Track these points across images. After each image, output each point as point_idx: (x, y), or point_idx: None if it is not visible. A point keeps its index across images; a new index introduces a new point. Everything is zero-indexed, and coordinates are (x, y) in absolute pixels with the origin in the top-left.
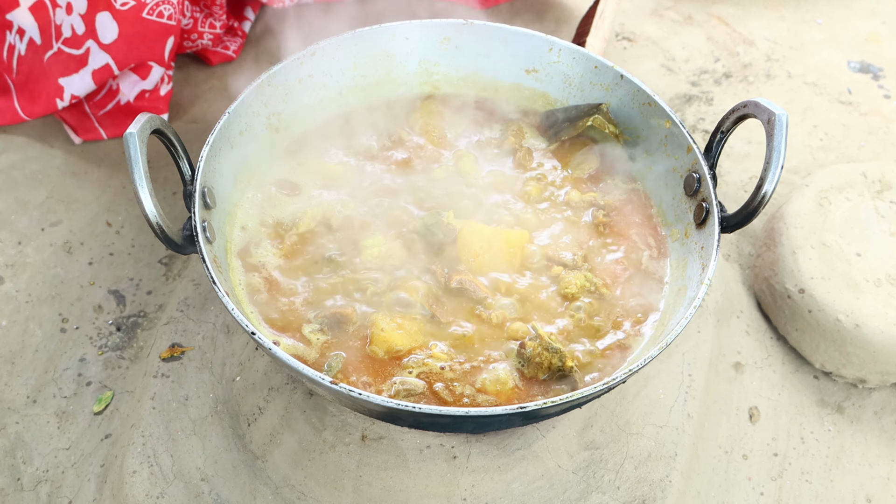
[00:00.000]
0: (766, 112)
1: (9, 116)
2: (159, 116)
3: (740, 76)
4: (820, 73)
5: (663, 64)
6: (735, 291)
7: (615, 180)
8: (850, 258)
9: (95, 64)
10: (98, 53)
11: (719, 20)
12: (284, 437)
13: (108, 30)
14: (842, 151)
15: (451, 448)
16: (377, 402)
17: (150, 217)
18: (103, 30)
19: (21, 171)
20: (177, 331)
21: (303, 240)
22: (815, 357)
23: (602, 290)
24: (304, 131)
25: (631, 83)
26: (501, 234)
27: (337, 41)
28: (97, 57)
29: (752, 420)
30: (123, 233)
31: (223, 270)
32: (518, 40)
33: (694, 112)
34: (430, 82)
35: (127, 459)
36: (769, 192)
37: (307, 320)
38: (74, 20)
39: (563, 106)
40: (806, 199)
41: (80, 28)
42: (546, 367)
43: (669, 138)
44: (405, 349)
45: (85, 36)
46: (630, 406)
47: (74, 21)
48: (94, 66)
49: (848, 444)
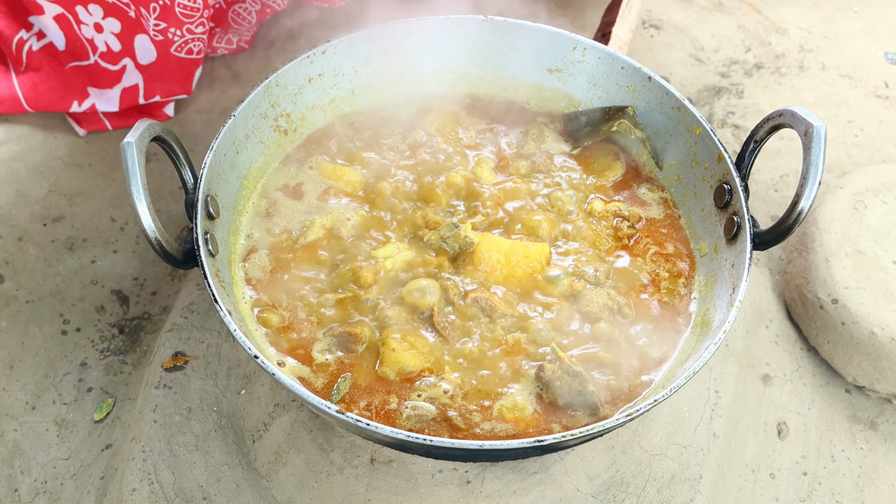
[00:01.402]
0: (803, 123)
1: (10, 105)
2: (160, 122)
3: (772, 67)
4: (856, 64)
5: (692, 53)
6: (764, 299)
7: (641, 189)
8: (886, 266)
9: (128, 82)
10: (133, 72)
11: (750, 7)
12: (290, 456)
13: (146, 51)
14: (878, 149)
15: (465, 473)
16: (386, 434)
17: (148, 232)
18: (141, 51)
19: (23, 162)
20: (180, 338)
21: (311, 249)
22: (848, 370)
23: (625, 309)
24: (314, 133)
25: (659, 86)
26: (520, 248)
27: (350, 38)
28: (131, 75)
29: (780, 436)
30: (128, 229)
31: (226, 285)
32: (540, 38)
33: (723, 105)
34: (447, 81)
35: (126, 475)
36: (805, 209)
37: (315, 339)
38: (108, 38)
39: (586, 108)
40: (840, 202)
41: (116, 45)
42: (566, 392)
43: (699, 145)
44: (417, 370)
45: (122, 53)
46: (653, 425)
47: (108, 39)
48: (126, 84)
49: (881, 464)
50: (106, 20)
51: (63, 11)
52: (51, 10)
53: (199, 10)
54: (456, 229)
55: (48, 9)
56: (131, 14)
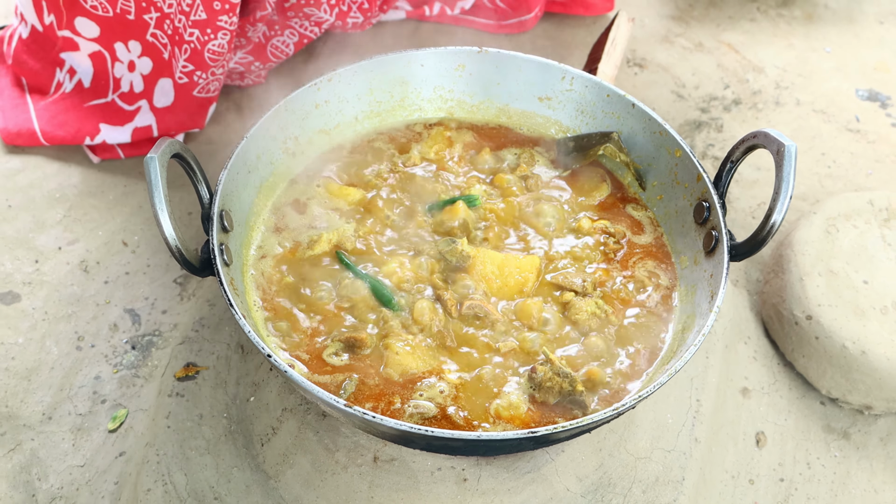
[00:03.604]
0: (775, 143)
1: (26, 139)
2: (179, 141)
3: (749, 103)
4: (828, 100)
5: (673, 90)
6: (743, 317)
7: (626, 208)
8: (857, 285)
9: (140, 122)
10: (146, 113)
11: (729, 47)
12: (297, 457)
13: (164, 95)
14: (849, 179)
15: (462, 471)
16: (390, 426)
17: (169, 241)
18: (160, 94)
19: (39, 189)
20: (192, 350)
21: (318, 261)
22: (822, 383)
23: (611, 317)
24: (320, 155)
25: (642, 112)
26: (513, 261)
27: (354, 68)
28: (145, 116)
29: (758, 445)
30: (139, 252)
31: (240, 293)
32: (532, 68)
33: (703, 139)
34: (444, 108)
35: (141, 477)
36: (777, 223)
37: (323, 344)
38: (135, 78)
39: (575, 134)
40: (814, 226)
41: (139, 86)
42: (557, 392)
43: (680, 167)
44: (419, 372)
45: (141, 95)
46: (638, 430)
47: (135, 79)
48: (139, 124)
49: (854, 470)
50: (141, 59)
51: (101, 49)
52: (87, 48)
53: (223, 55)
54: (453, 244)
55: (84, 46)
56: (165, 55)
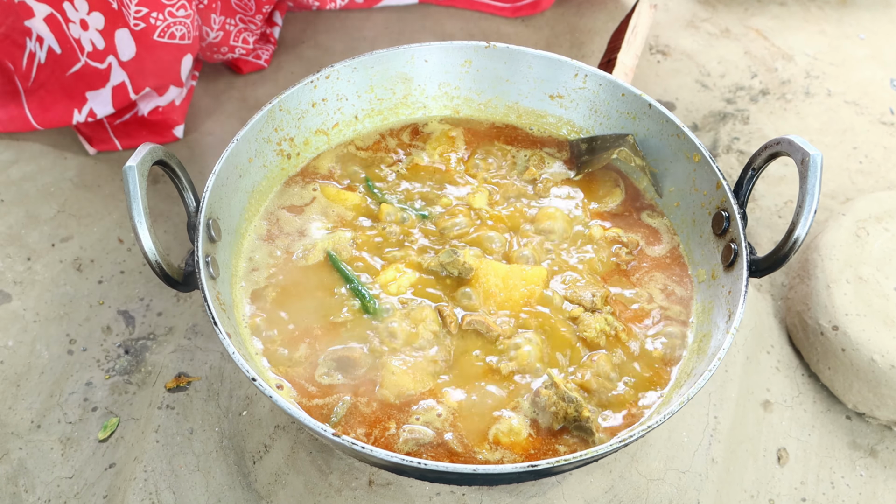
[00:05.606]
0: (799, 151)
1: (19, 124)
2: (162, 147)
3: (778, 93)
4: (861, 91)
5: (698, 79)
6: (766, 325)
7: (640, 215)
8: (887, 293)
9: (115, 80)
10: (117, 70)
11: (757, 33)
12: (290, 477)
13: (126, 47)
14: (882, 175)
15: (463, 496)
16: (381, 458)
17: (148, 255)
18: (122, 46)
19: (33, 183)
20: (184, 359)
21: (312, 272)
22: (848, 397)
23: (622, 335)
24: (317, 157)
25: (659, 113)
26: (518, 273)
27: (353, 63)
28: (117, 73)
29: (780, 462)
30: (135, 250)
31: (227, 307)
32: (542, 64)
33: (728, 131)
34: (450, 106)
35: (128, 496)
36: (801, 237)
37: (315, 363)
38: (93, 35)
39: (588, 135)
40: (842, 228)
41: (101, 43)
42: (562, 417)
43: (698, 172)
44: (416, 393)
45: (106, 51)
46: (651, 450)
47: (93, 36)
48: (114, 82)
49: (880, 490)
50: (91, 15)
51: (52, 11)
52: (40, 11)
53: None
54: (455, 255)
55: (37, 9)
56: (114, 5)
